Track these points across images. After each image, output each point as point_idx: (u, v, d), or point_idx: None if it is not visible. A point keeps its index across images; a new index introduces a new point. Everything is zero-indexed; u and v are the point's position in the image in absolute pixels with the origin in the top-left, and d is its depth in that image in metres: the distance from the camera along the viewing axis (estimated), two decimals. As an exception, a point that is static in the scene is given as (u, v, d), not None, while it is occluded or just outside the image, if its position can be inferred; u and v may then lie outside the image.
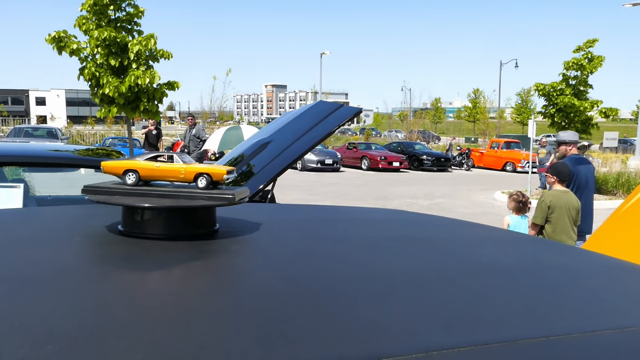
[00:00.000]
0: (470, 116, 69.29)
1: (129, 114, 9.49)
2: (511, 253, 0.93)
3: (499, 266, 0.81)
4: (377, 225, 1.14)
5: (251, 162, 4.28)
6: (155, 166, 0.94)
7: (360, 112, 4.25)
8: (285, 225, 1.07)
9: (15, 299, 0.57)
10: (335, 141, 38.57)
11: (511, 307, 0.61)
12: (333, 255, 0.82)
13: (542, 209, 4.38)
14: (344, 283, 0.67)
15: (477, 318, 0.57)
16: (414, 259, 0.82)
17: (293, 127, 4.50)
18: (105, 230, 0.92)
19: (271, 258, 0.79)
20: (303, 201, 12.19)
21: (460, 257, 0.86)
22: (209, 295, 0.60)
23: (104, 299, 0.58)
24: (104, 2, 8.91)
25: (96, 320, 0.51)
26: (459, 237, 1.05)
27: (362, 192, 14.32)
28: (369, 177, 19.38)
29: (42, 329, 0.49)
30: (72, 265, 0.70)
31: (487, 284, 0.70)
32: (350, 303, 0.60)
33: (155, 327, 0.50)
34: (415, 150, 24.56)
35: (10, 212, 1.12)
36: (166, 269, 0.69)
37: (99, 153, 3.67)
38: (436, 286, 0.68)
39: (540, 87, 15.87)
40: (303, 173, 20.26)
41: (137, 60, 8.91)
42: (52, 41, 8.63)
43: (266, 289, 0.64)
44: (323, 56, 38.67)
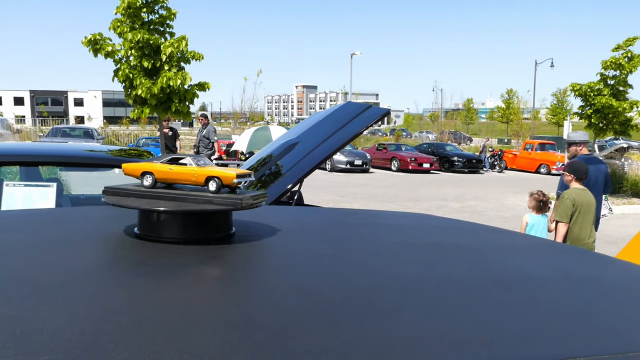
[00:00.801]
0: (503, 117, 67.92)
1: (161, 115, 9.66)
2: (540, 262, 0.88)
3: (526, 277, 0.77)
4: (398, 230, 1.10)
5: (278, 163, 4.28)
6: (169, 169, 0.93)
7: (388, 113, 4.20)
8: (302, 229, 1.04)
9: (22, 304, 0.56)
10: (365, 142, 38.42)
11: (533, 323, 0.57)
12: (347, 261, 0.79)
13: (567, 207, 4.30)
14: (356, 292, 0.64)
15: (492, 334, 0.53)
16: (434, 267, 0.79)
17: (321, 128, 4.48)
18: (122, 233, 0.92)
19: (283, 265, 0.76)
20: (332, 202, 12.16)
21: (485, 266, 0.82)
22: (209, 303, 0.58)
23: (104, 304, 0.56)
24: (138, 5, 9.10)
25: (98, 328, 0.50)
26: (486, 245, 1.00)
27: (392, 194, 14.19)
28: (398, 178, 19.21)
29: (47, 333, 0.47)
30: (79, 269, 0.69)
31: (509, 296, 0.66)
32: (360, 314, 0.56)
33: (154, 335, 0.48)
34: (446, 151, 24.20)
35: (31, 212, 1.13)
36: (172, 275, 0.68)
37: (131, 153, 3.74)
38: (455, 298, 0.64)
39: (577, 87, 15.41)
40: (332, 174, 20.24)
41: (169, 62, 9.06)
42: (88, 44, 8.86)
43: (272, 298, 0.61)
44: (353, 57, 38.55)
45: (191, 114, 10.28)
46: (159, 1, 9.38)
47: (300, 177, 3.87)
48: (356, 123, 4.24)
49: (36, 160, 3.40)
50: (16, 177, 4.73)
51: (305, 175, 3.89)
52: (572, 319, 0.59)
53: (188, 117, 9.89)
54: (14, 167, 4.40)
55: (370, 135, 57.33)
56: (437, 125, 45.03)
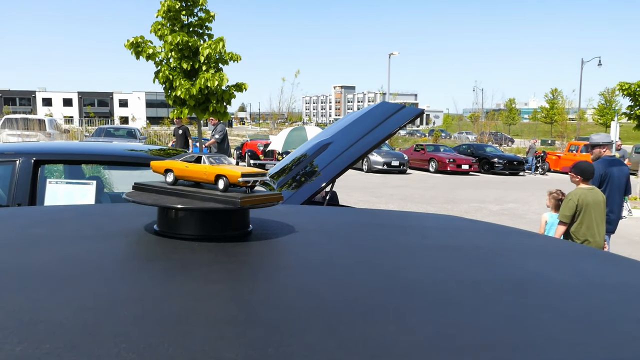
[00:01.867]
0: (547, 117, 65.88)
1: (199, 115, 9.86)
2: (563, 266, 0.85)
3: (544, 281, 0.74)
4: (418, 231, 1.09)
5: (311, 163, 4.30)
6: (186, 166, 0.95)
7: (422, 113, 4.14)
8: (320, 229, 1.04)
9: (34, 294, 0.58)
10: (402, 143, 38.07)
11: (544, 329, 0.55)
12: (360, 262, 0.78)
13: (570, 208, 4.41)
14: (363, 293, 0.64)
15: (500, 339, 0.51)
16: (449, 270, 0.77)
17: (355, 128, 4.47)
18: (143, 229, 0.94)
19: (293, 264, 0.76)
20: (367, 203, 12.11)
21: (503, 269, 0.79)
22: (212, 299, 0.59)
23: (110, 297, 0.58)
24: (177, 8, 9.32)
25: (101, 319, 0.51)
26: (508, 248, 0.97)
27: (429, 195, 14.00)
28: (436, 179, 18.93)
29: (52, 323, 0.49)
30: (94, 263, 0.71)
31: (523, 301, 0.64)
32: (362, 315, 0.56)
33: (154, 328, 0.49)
34: (486, 152, 23.69)
35: (62, 208, 1.17)
36: (181, 271, 0.69)
37: (169, 153, 3.83)
38: (466, 301, 0.62)
39: (625, 86, 14.80)
40: (369, 174, 20.15)
41: (207, 63, 9.24)
42: (131, 46, 9.14)
43: (276, 296, 0.61)
44: (391, 57, 38.28)
45: (229, 114, 10.45)
46: (198, 4, 9.58)
47: (333, 177, 3.87)
48: (390, 123, 4.21)
49: (78, 159, 3.53)
50: (61, 175, 4.93)
51: (338, 175, 3.89)
52: (588, 327, 0.56)
53: (225, 117, 10.06)
54: (58, 165, 4.59)
55: (408, 136, 56.74)
56: (477, 126, 44.10)
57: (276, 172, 4.70)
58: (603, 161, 5.17)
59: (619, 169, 5.18)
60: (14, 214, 1.10)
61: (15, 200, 3.09)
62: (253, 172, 0.91)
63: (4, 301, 0.55)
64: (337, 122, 5.27)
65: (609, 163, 5.14)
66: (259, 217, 1.10)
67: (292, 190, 4.01)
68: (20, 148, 3.33)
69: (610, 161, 5.17)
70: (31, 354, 0.43)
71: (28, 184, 3.11)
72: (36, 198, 3.18)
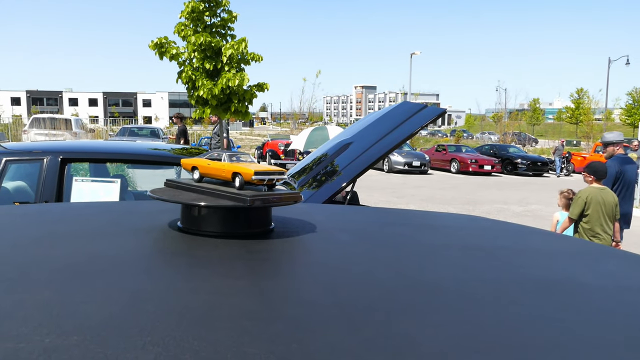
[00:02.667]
0: (572, 118, 64.60)
1: (221, 115, 9.94)
2: (588, 268, 0.83)
3: (567, 282, 0.72)
4: (440, 231, 1.08)
5: (332, 162, 4.30)
6: (208, 164, 0.96)
7: (444, 113, 4.11)
8: (342, 228, 1.04)
9: (62, 288, 0.59)
10: (424, 143, 37.78)
11: (563, 331, 0.54)
12: (380, 261, 0.78)
13: (579, 205, 4.61)
14: (382, 292, 0.63)
15: (521, 342, 0.50)
16: (469, 270, 0.76)
17: (376, 128, 4.45)
18: (167, 225, 0.95)
19: (313, 262, 0.76)
20: (388, 203, 12.05)
21: (524, 270, 0.78)
22: (235, 295, 0.59)
23: (135, 291, 0.59)
24: (201, 9, 9.42)
25: (127, 313, 0.52)
26: (531, 248, 0.96)
27: (450, 196, 13.87)
28: (458, 180, 18.74)
29: (80, 316, 0.50)
30: (119, 258, 0.73)
31: (543, 302, 0.63)
32: (381, 314, 0.55)
33: (178, 323, 0.50)
34: (509, 153, 23.35)
35: (86, 205, 1.19)
36: (203, 267, 0.70)
37: (192, 152, 3.87)
38: (486, 301, 0.62)
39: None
40: (389, 175, 20.06)
41: (230, 63, 9.32)
42: (155, 47, 9.27)
43: (297, 293, 0.61)
44: (413, 56, 38.00)
45: (250, 114, 10.51)
46: (221, 4, 9.66)
47: (353, 177, 3.86)
48: (411, 123, 4.18)
49: (103, 158, 3.60)
50: (86, 173, 5.04)
51: (358, 175, 3.88)
52: (612, 329, 0.55)
53: (247, 117, 10.12)
54: (84, 163, 4.68)
55: (430, 136, 56.29)
56: (500, 126, 43.48)
57: (297, 172, 4.72)
58: (617, 159, 5.33)
59: (631, 167, 5.42)
60: (41, 210, 1.12)
61: (42, 197, 3.16)
62: (268, 170, 0.90)
63: (35, 294, 0.57)
64: (358, 122, 5.26)
65: (623, 161, 5.32)
66: (281, 215, 1.11)
67: (312, 189, 4.02)
68: (48, 147, 3.41)
69: (623, 159, 5.35)
70: (59, 345, 0.44)
71: (55, 181, 3.18)
72: (62, 195, 3.25)
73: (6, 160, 3.18)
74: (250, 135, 50.13)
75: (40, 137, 18.52)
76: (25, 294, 0.57)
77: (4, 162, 3.17)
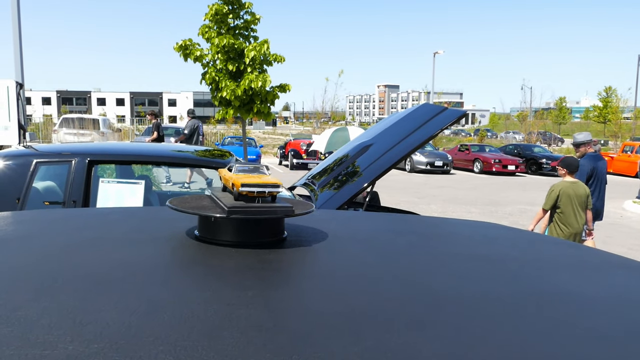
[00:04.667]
0: (600, 117, 63.11)
1: (244, 115, 10.06)
2: (597, 281, 0.84)
3: (570, 297, 0.74)
4: (449, 239, 1.10)
5: (352, 164, 4.33)
6: (225, 174, 1.01)
7: (464, 115, 4.09)
8: (353, 236, 1.07)
9: (85, 296, 0.64)
10: (447, 142, 37.41)
11: (561, 347, 0.56)
12: (386, 272, 0.81)
13: (552, 198, 5.18)
14: (386, 302, 0.66)
15: (515, 358, 0.53)
16: (472, 281, 0.78)
17: (396, 130, 4.46)
18: (184, 234, 1.00)
19: (325, 272, 0.80)
20: (409, 204, 12.00)
21: (525, 281, 0.80)
22: (245, 305, 0.63)
23: (152, 300, 0.63)
24: (225, 11, 9.54)
25: (143, 322, 0.56)
26: (539, 259, 0.97)
27: (473, 197, 13.73)
28: (481, 180, 18.53)
29: (100, 324, 0.55)
30: (137, 267, 0.77)
31: (543, 316, 0.65)
32: (384, 325, 0.59)
33: (189, 332, 0.54)
34: (534, 153, 22.97)
35: (109, 211, 1.25)
36: (216, 277, 0.74)
37: (214, 154, 3.94)
38: (484, 314, 0.64)
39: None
40: (412, 174, 19.95)
41: (252, 64, 9.42)
42: (179, 49, 9.43)
43: (304, 303, 0.65)
44: (436, 55, 37.68)
45: (272, 114, 10.61)
46: (244, 7, 9.77)
47: (373, 179, 3.88)
48: (431, 125, 4.18)
49: (128, 160, 3.70)
50: (112, 173, 5.17)
51: (378, 177, 3.90)
52: (609, 345, 0.57)
53: (269, 117, 10.22)
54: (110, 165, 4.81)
55: (453, 135, 55.68)
56: (525, 125, 42.77)
57: (318, 173, 4.76)
58: (589, 157, 5.90)
59: (602, 163, 5.97)
60: (69, 216, 1.18)
61: (70, 197, 3.27)
62: (259, 183, 0.91)
63: (60, 303, 0.62)
64: (378, 124, 5.27)
65: (594, 158, 5.89)
66: (295, 224, 1.15)
67: (333, 190, 4.06)
68: (76, 149, 3.52)
69: (594, 157, 5.91)
70: (81, 352, 0.49)
71: (82, 182, 3.29)
72: (90, 196, 3.36)
73: (37, 162, 3.30)
74: (273, 135, 50.40)
75: (69, 136, 18.98)
76: (51, 302, 0.62)
77: (35, 163, 3.30)
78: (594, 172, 5.83)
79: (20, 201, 3.20)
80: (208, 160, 3.65)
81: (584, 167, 5.72)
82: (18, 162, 3.30)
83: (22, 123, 9.85)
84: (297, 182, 5.03)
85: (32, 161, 3.29)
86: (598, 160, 5.90)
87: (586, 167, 5.77)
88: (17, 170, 3.27)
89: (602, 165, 5.97)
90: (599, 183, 5.86)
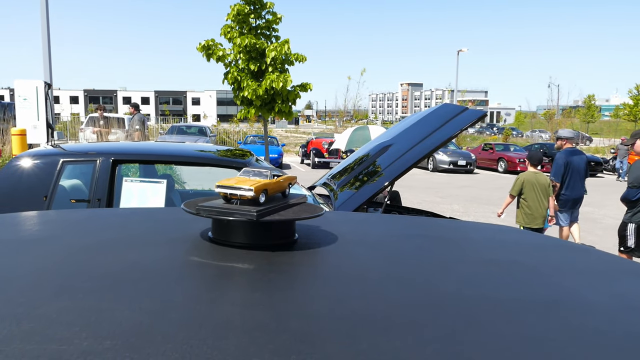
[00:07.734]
0: (630, 115, 61.49)
1: (265, 115, 10.14)
2: (605, 287, 0.84)
3: (576, 303, 0.74)
4: (460, 243, 1.11)
5: (373, 163, 4.34)
6: None
7: (484, 116, 4.06)
8: (363, 239, 1.09)
9: (101, 295, 0.68)
10: (470, 141, 36.97)
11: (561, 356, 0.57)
12: (392, 276, 0.83)
13: (517, 185, 6.08)
14: (389, 307, 0.68)
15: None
16: (481, 288, 0.79)
17: (415, 130, 4.46)
18: (199, 235, 1.04)
19: (331, 276, 0.82)
20: (431, 204, 11.93)
21: (533, 288, 0.81)
22: (250, 306, 0.66)
23: (163, 300, 0.66)
24: (246, 12, 9.63)
25: (153, 321, 0.59)
26: (551, 265, 0.97)
27: (496, 196, 13.56)
28: (505, 180, 18.27)
29: (114, 322, 0.58)
30: (151, 267, 0.81)
31: (548, 324, 0.66)
32: (385, 329, 0.61)
33: (196, 332, 0.57)
34: (560, 152, 22.48)
35: (129, 212, 1.30)
36: (226, 278, 0.77)
37: (235, 154, 3.99)
38: (488, 320, 0.65)
39: None
40: (434, 174, 19.80)
41: (273, 64, 9.49)
42: (202, 49, 9.56)
43: (307, 305, 0.67)
44: (460, 53, 37.26)
45: (295, 112, 10.68)
46: (266, 6, 9.84)
47: (392, 179, 3.89)
48: (451, 125, 4.16)
49: (151, 159, 3.78)
50: (136, 172, 5.29)
51: (397, 177, 3.91)
52: (612, 354, 0.57)
53: (290, 116, 10.29)
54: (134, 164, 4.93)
55: (477, 134, 54.95)
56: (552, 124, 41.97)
57: (338, 172, 4.78)
58: (565, 152, 6.66)
59: (579, 157, 6.68)
60: (91, 216, 1.24)
61: (95, 195, 3.37)
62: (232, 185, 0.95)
63: (77, 302, 0.65)
64: (398, 124, 5.27)
65: (570, 153, 6.64)
66: (307, 225, 1.17)
67: (353, 190, 4.08)
68: (101, 148, 3.62)
69: (570, 152, 6.66)
70: (94, 348, 0.52)
71: (107, 181, 3.38)
72: (114, 194, 3.45)
73: (63, 161, 3.41)
74: (296, 133, 50.58)
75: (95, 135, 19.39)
76: (69, 301, 0.66)
77: (61, 162, 3.40)
78: (568, 165, 6.56)
79: (47, 199, 3.31)
80: (229, 160, 3.71)
81: (558, 160, 6.58)
82: (46, 161, 3.41)
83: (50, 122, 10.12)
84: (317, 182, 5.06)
85: (59, 160, 3.40)
86: (574, 155, 6.65)
87: (560, 160, 6.58)
88: (44, 169, 3.38)
89: (578, 160, 6.68)
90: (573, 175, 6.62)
